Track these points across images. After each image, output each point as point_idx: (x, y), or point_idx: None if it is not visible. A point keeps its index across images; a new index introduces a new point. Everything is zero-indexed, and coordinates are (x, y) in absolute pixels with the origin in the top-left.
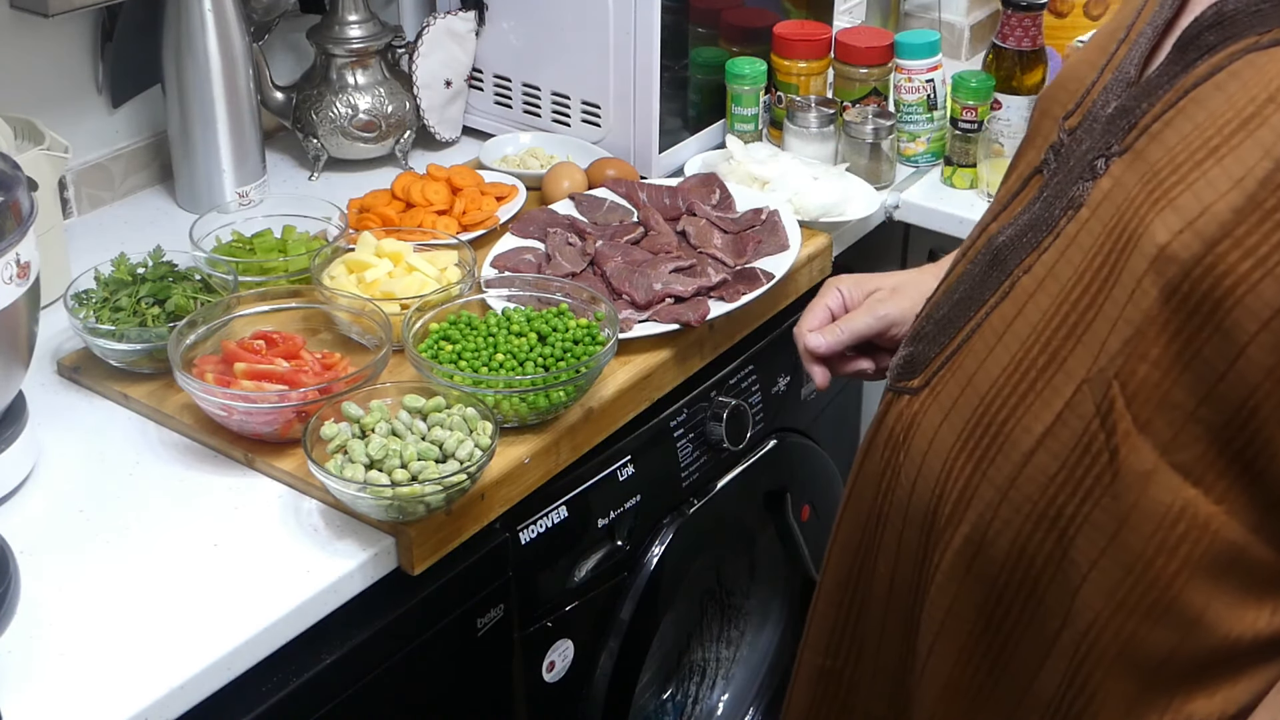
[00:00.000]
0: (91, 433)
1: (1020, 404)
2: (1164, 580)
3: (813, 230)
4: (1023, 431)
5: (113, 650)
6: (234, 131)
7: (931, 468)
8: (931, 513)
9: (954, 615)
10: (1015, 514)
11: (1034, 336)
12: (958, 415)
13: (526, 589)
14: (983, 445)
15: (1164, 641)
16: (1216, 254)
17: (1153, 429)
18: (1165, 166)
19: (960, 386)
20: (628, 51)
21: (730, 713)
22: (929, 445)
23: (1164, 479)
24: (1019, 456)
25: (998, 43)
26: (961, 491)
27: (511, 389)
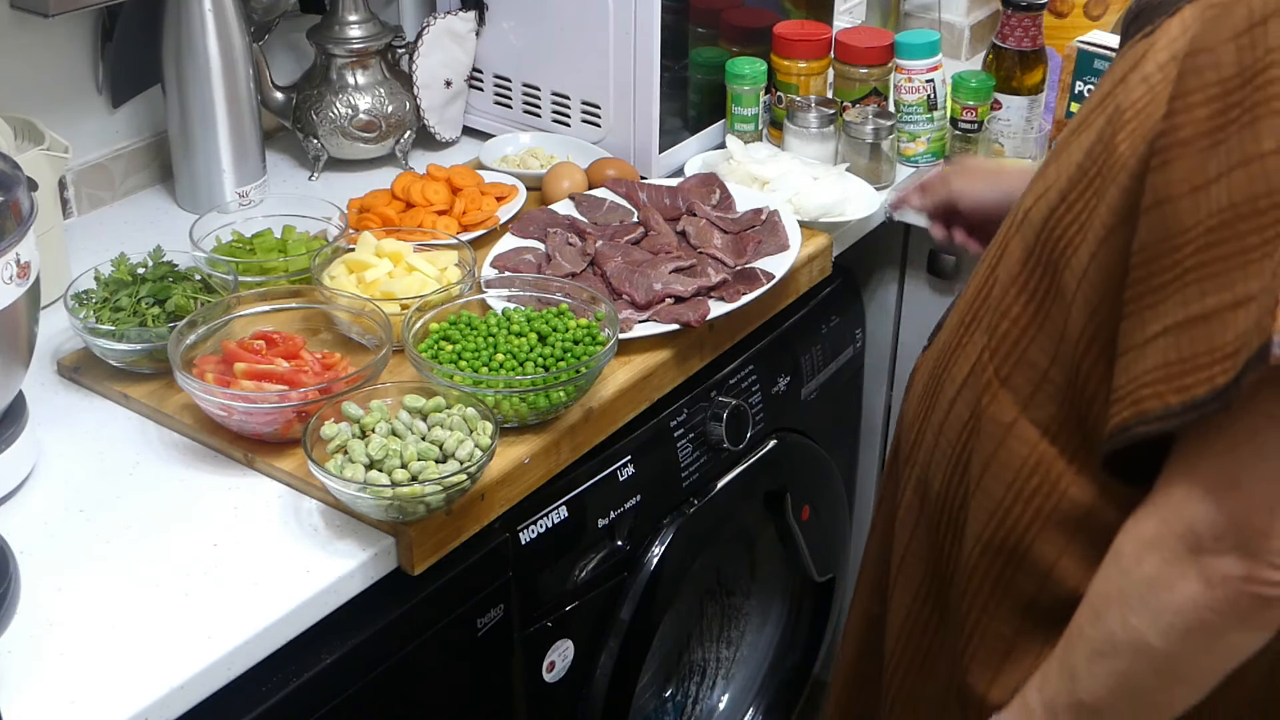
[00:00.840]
0: (91, 433)
1: (953, 356)
2: (1020, 529)
3: (813, 230)
4: (950, 381)
5: (113, 650)
6: (234, 131)
7: (907, 415)
8: (903, 453)
9: (911, 554)
10: (943, 457)
11: (970, 297)
12: (926, 368)
13: (526, 589)
14: (930, 391)
15: (1025, 587)
16: (1055, 218)
17: (1013, 384)
18: (1061, 142)
19: (938, 343)
20: (628, 51)
21: (730, 713)
22: (912, 392)
23: (1023, 431)
24: (946, 403)
25: (998, 43)
26: (917, 435)
27: (511, 389)
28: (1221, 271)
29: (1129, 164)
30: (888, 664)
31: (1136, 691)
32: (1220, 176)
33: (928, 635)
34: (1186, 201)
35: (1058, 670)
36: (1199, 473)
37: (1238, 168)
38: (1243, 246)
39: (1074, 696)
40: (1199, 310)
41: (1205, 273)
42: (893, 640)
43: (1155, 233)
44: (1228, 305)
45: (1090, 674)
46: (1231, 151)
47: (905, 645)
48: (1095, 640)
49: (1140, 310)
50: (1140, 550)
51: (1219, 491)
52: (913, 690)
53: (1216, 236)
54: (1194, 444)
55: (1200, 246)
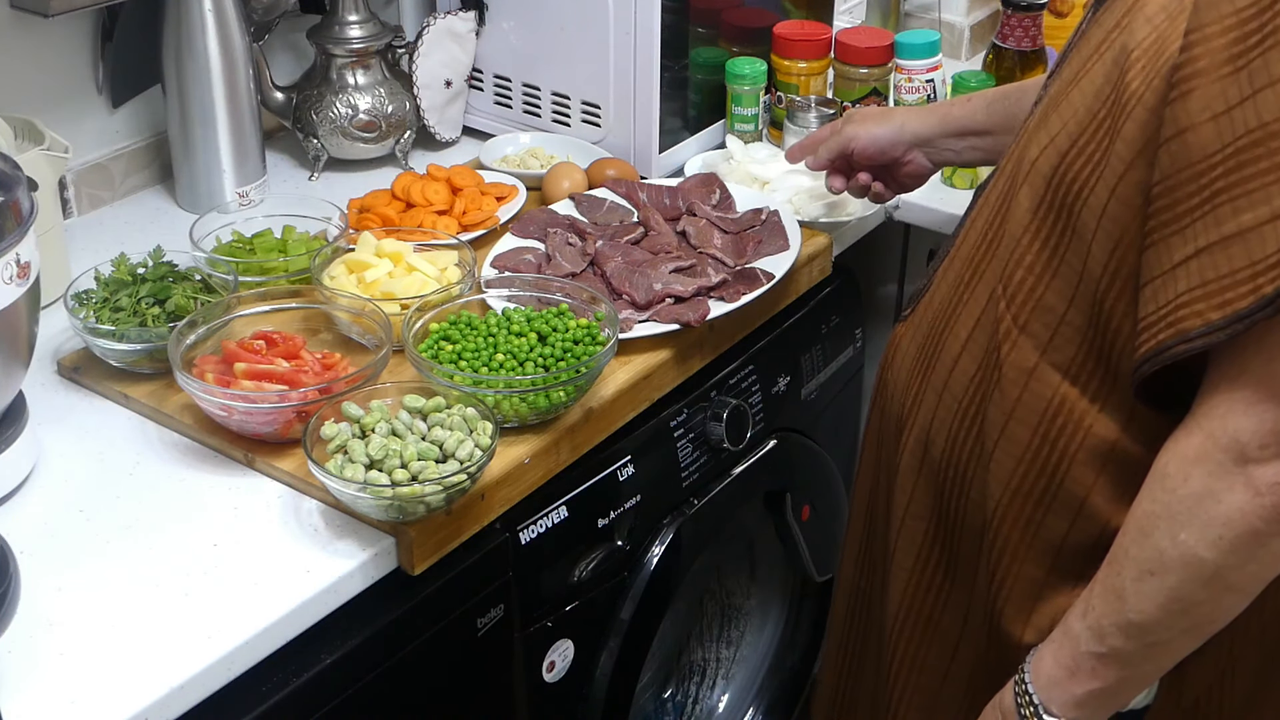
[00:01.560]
0: (91, 433)
1: (953, 315)
2: (1049, 470)
3: (813, 230)
4: (953, 339)
5: (113, 650)
6: (234, 131)
7: (899, 380)
8: (898, 420)
9: (911, 515)
10: (948, 413)
11: (970, 254)
12: (918, 331)
13: (526, 589)
14: (928, 354)
15: (1057, 528)
16: (1066, 163)
17: (1031, 330)
18: (1055, 95)
19: (926, 307)
20: (628, 51)
21: (730, 713)
22: (901, 360)
23: (1044, 376)
24: (949, 360)
25: (998, 43)
26: (915, 398)
27: (511, 389)
28: (1257, 189)
29: (1145, 98)
30: (890, 629)
31: (1186, 605)
32: (1245, 100)
33: (930, 595)
34: (1208, 127)
35: (1102, 594)
36: (1240, 385)
37: (1264, 89)
38: (1276, 163)
39: (1122, 617)
40: (1233, 228)
41: (1237, 192)
42: (894, 605)
43: (1177, 161)
44: (1265, 219)
45: (1139, 593)
46: (1255, 75)
47: (909, 609)
48: (1143, 559)
49: (1166, 238)
50: (1185, 467)
51: (1262, 401)
52: (917, 655)
53: (1247, 156)
54: (1232, 358)
55: (1230, 168)
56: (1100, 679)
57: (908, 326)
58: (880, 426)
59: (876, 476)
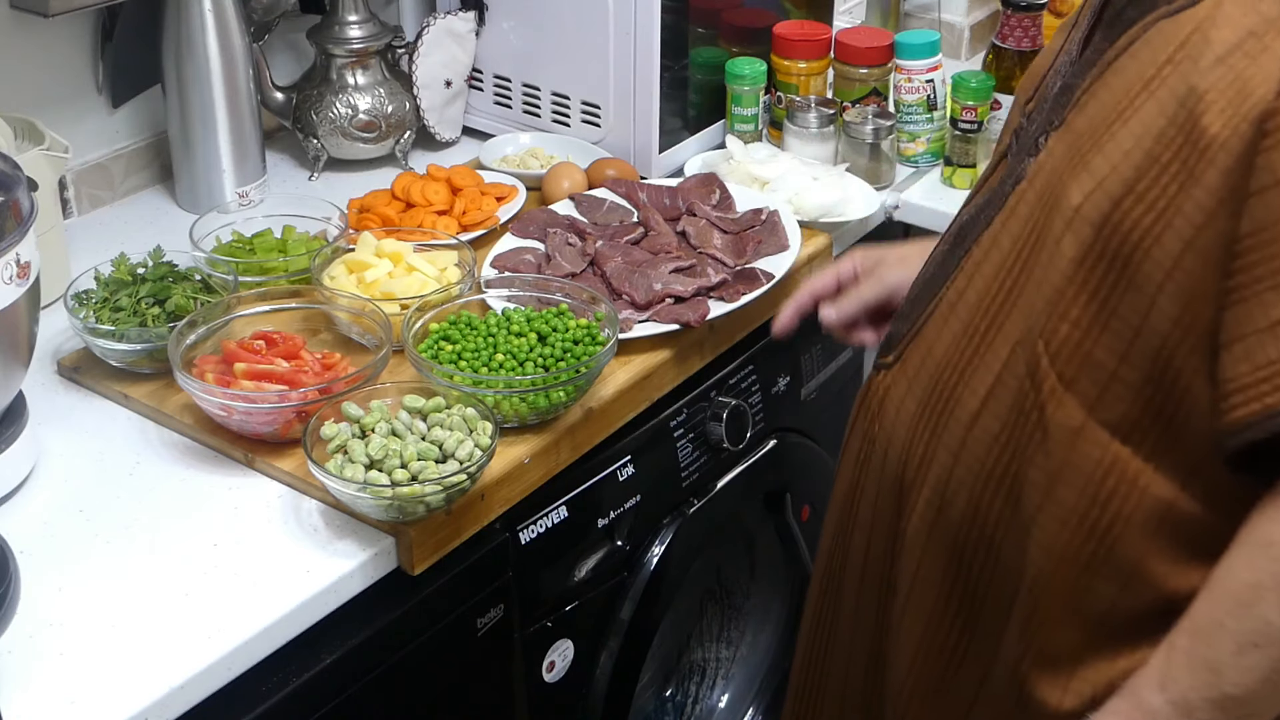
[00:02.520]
0: (91, 433)
1: (967, 368)
2: (1099, 533)
3: (813, 230)
4: (970, 395)
5: (113, 650)
6: (234, 131)
7: (898, 434)
8: (899, 479)
9: (921, 579)
10: (968, 474)
11: (979, 304)
12: (918, 384)
13: (526, 589)
14: (937, 410)
15: (1105, 593)
16: (1122, 211)
17: (1078, 387)
18: (1086, 134)
19: (922, 357)
20: (628, 51)
21: (730, 713)
22: (896, 413)
23: (1092, 435)
24: (967, 418)
25: (998, 43)
26: (923, 456)
27: (511, 389)
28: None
29: (1229, 144)
30: (897, 695)
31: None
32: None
33: (943, 657)
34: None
35: (1189, 667)
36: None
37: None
38: None
39: (1218, 691)
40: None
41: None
42: (903, 671)
43: (1274, 212)
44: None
45: (1239, 667)
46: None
47: (919, 676)
48: (1245, 632)
49: (1258, 294)
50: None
51: None
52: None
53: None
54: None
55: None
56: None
57: (897, 376)
58: (860, 481)
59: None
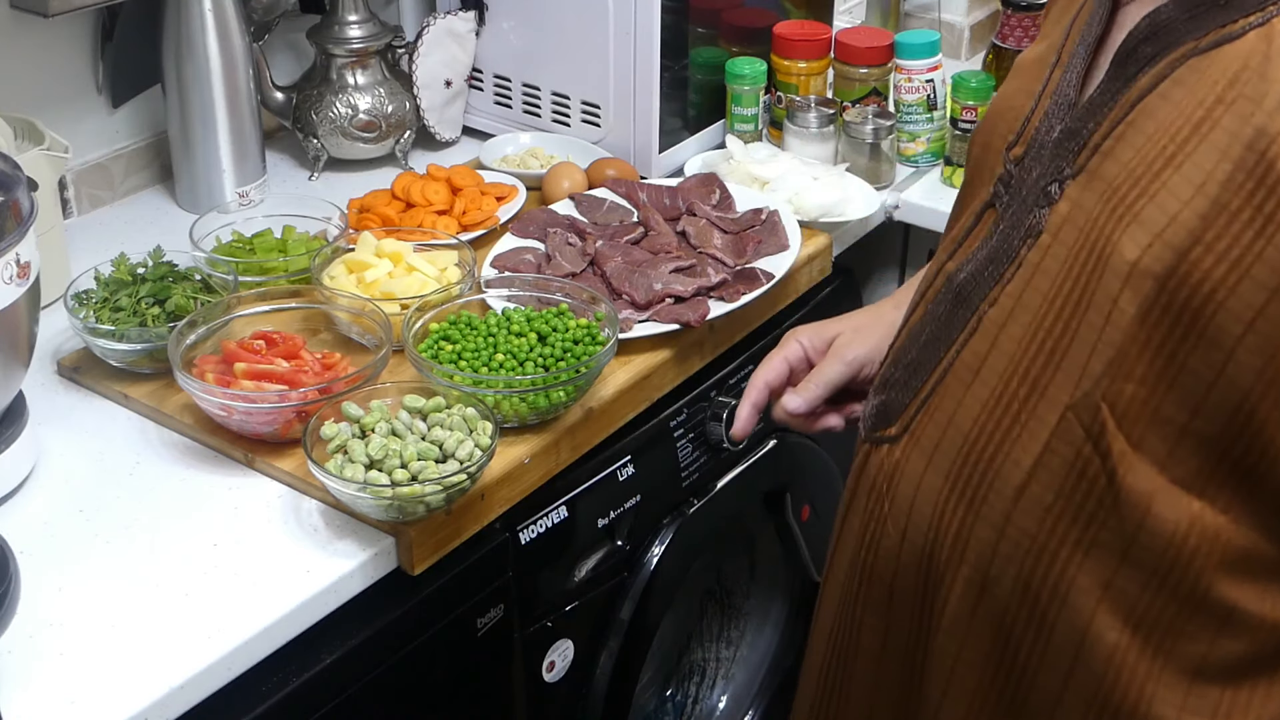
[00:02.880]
0: (91, 433)
1: (1005, 438)
2: (1185, 588)
3: (813, 230)
4: (1012, 465)
5: (113, 650)
6: (234, 131)
7: (922, 514)
8: (927, 559)
9: (964, 662)
10: (1015, 549)
11: (1011, 369)
12: (942, 457)
13: (526, 589)
14: (972, 485)
15: (1193, 653)
16: (1190, 262)
17: (1148, 446)
18: (1124, 182)
19: (941, 428)
20: (628, 51)
21: (730, 713)
22: (915, 491)
23: (1167, 495)
24: (1011, 491)
25: (998, 43)
26: (957, 534)
27: (511, 389)
28: None
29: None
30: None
31: None
32: None
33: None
34: None
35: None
36: None
37: None
38: None
39: None
40: None
41: None
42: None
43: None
44: None
45: None
46: None
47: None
48: None
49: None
50: None
51: None
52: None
53: None
54: None
55: None
56: None
57: (909, 450)
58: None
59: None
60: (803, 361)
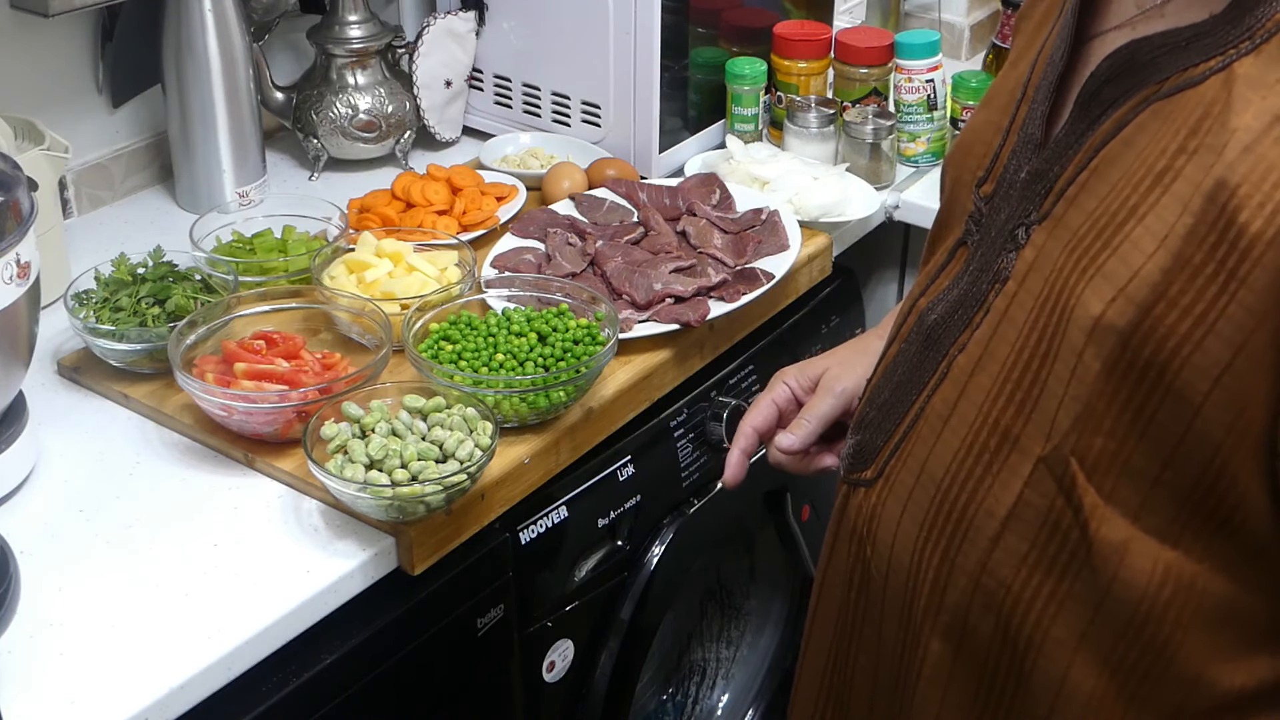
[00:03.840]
0: (91, 433)
1: (978, 487)
2: (1158, 643)
3: (813, 230)
4: (985, 515)
5: (113, 650)
6: (234, 131)
7: (900, 561)
8: (908, 606)
9: (948, 707)
10: (992, 599)
11: (980, 418)
12: (916, 505)
13: (526, 589)
14: (947, 533)
15: (1169, 700)
16: (1154, 318)
17: (1120, 498)
18: (1088, 233)
19: (914, 475)
20: (628, 51)
21: (730, 713)
22: (894, 538)
23: (1140, 546)
24: (985, 541)
25: (998, 43)
26: (934, 582)
27: (511, 389)
28: None
29: (1275, 241)
30: None
31: None
32: None
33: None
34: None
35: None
36: None
37: None
38: None
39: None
40: None
41: None
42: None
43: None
44: None
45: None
46: None
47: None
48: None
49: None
50: None
51: None
52: None
53: None
54: None
55: None
56: None
57: (884, 495)
58: (859, 604)
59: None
60: (791, 402)
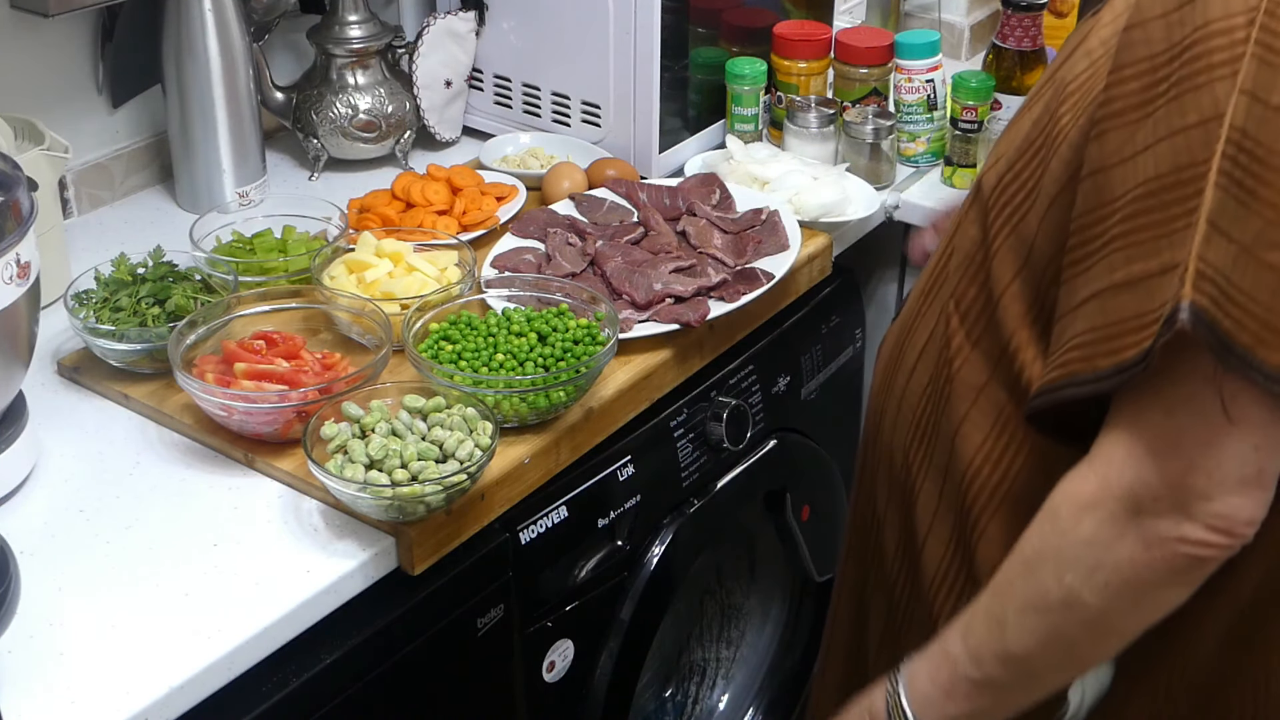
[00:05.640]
0: (91, 433)
1: (914, 325)
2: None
3: (813, 230)
4: (911, 349)
5: (113, 650)
6: (234, 131)
7: (875, 383)
8: (869, 424)
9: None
10: (906, 424)
11: (930, 271)
12: (892, 337)
13: (527, 589)
14: (893, 361)
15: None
16: (1003, 184)
17: (983, 347)
18: (1012, 120)
19: (901, 315)
20: (628, 51)
21: (730, 713)
22: (878, 363)
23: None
24: (907, 370)
25: (998, 43)
26: (882, 407)
27: (511, 389)
28: (1148, 240)
29: (1070, 135)
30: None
31: (1066, 643)
32: (1147, 148)
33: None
34: (1117, 172)
35: (984, 621)
36: (1138, 436)
37: (1164, 140)
38: (1167, 216)
39: (1002, 647)
40: (1124, 277)
41: (1131, 240)
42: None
43: (1089, 201)
44: (1154, 272)
45: (1020, 626)
46: (1158, 124)
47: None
48: (1027, 595)
49: (1073, 277)
50: (1078, 511)
51: (1158, 455)
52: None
53: (1142, 205)
54: (1132, 407)
55: (1126, 215)
56: (975, 702)
57: (890, 332)
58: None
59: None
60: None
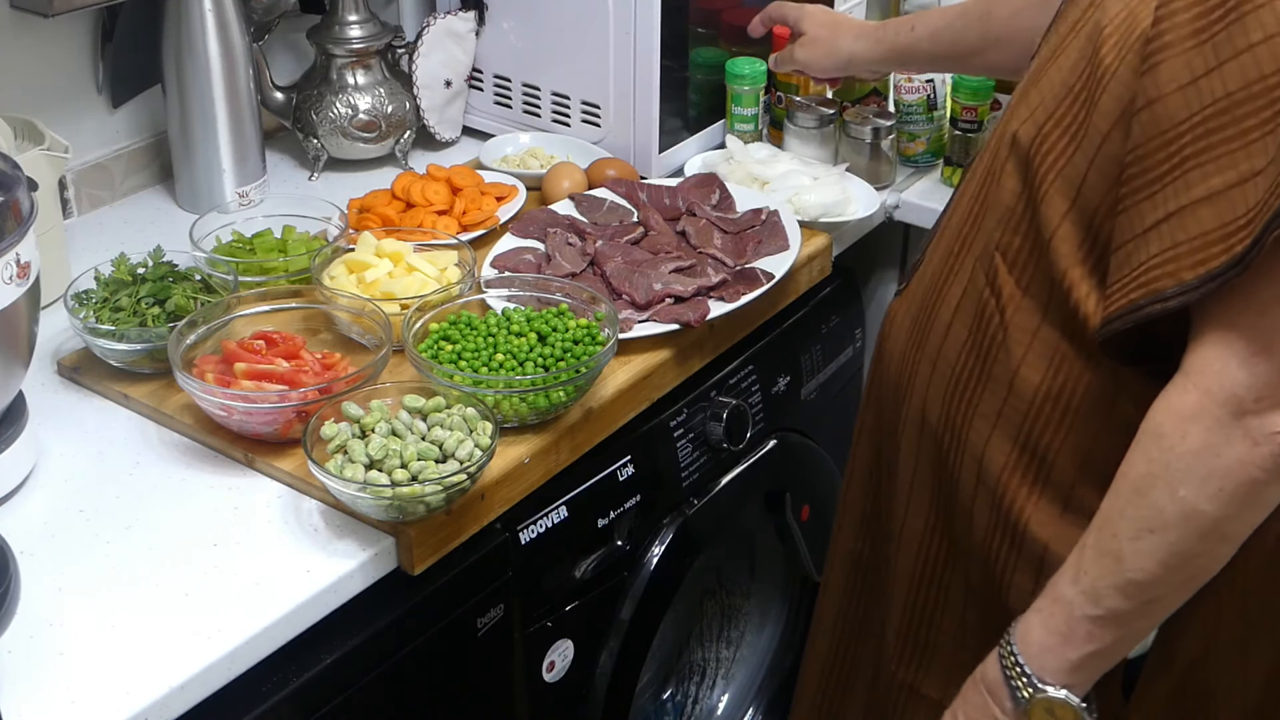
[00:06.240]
0: (91, 433)
1: (944, 285)
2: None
3: (813, 230)
4: (944, 308)
5: (113, 650)
6: (234, 131)
7: (896, 351)
8: (897, 389)
9: (918, 483)
10: (943, 380)
11: (958, 230)
12: (912, 302)
13: (526, 589)
14: (920, 324)
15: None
16: (1043, 134)
17: (1033, 292)
18: (1036, 71)
19: (919, 280)
20: (628, 51)
21: (730, 713)
22: (897, 333)
23: (1046, 335)
24: (942, 329)
25: None
26: (911, 369)
27: (511, 389)
28: (1224, 154)
29: (1118, 72)
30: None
31: (1185, 558)
32: (1210, 71)
33: (939, 563)
34: (1176, 98)
35: (1095, 558)
36: (1233, 340)
37: (1229, 60)
38: (1241, 129)
39: (1121, 577)
40: (1203, 192)
41: (1205, 158)
42: (907, 572)
43: (1148, 130)
44: (1233, 183)
45: (1137, 552)
46: (1220, 47)
47: (922, 576)
48: (1140, 518)
49: (1138, 203)
50: (1182, 424)
51: (1256, 355)
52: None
53: (1215, 124)
54: (1222, 313)
55: (1198, 135)
56: (1097, 641)
57: (903, 301)
58: (880, 398)
59: (879, 448)
60: None
